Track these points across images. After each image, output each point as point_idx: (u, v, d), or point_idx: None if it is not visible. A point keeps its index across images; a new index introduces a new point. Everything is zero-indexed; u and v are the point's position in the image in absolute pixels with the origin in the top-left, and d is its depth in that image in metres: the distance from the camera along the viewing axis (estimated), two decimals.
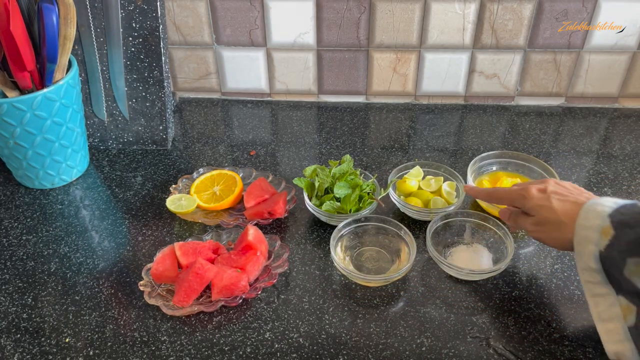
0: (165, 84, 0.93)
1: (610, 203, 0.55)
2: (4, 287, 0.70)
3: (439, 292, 0.68)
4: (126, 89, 0.92)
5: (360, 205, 0.77)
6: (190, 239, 0.73)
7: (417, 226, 0.78)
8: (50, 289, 0.69)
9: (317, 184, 0.77)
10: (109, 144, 0.96)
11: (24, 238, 0.77)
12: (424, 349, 0.61)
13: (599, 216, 0.53)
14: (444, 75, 1.04)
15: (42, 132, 0.79)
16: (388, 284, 0.69)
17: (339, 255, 0.72)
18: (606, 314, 0.53)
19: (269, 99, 1.10)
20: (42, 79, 0.79)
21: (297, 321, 0.65)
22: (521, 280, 0.69)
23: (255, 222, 0.77)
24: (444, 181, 0.82)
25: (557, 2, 0.93)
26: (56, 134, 0.81)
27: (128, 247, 0.75)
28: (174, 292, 0.66)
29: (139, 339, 0.63)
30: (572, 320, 0.64)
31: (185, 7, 0.99)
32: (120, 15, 0.88)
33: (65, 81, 0.79)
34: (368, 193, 0.78)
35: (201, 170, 0.86)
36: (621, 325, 0.52)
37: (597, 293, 0.54)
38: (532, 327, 0.63)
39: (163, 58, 0.91)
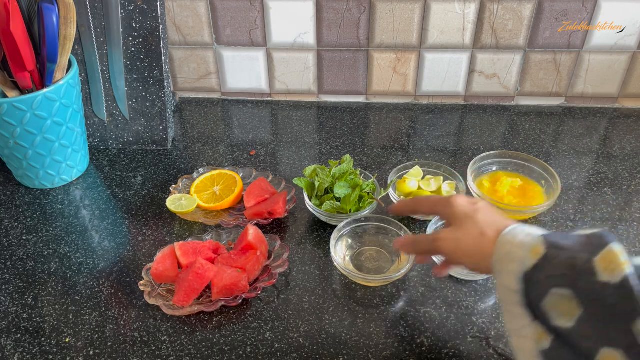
0: (165, 84, 0.93)
1: (537, 228, 0.49)
2: (4, 287, 0.70)
3: (439, 292, 0.68)
4: (126, 89, 0.92)
5: (360, 205, 0.77)
6: (190, 239, 0.73)
7: (417, 226, 0.78)
8: (50, 289, 0.69)
9: (317, 184, 0.77)
10: (109, 144, 0.96)
11: (24, 238, 0.77)
12: (424, 349, 0.61)
13: (529, 234, 0.47)
14: (444, 75, 1.04)
15: (43, 132, 0.79)
16: (388, 284, 0.69)
17: (339, 255, 0.72)
18: (521, 331, 0.47)
19: (269, 99, 1.10)
20: (42, 79, 0.79)
21: (297, 321, 0.65)
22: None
23: (255, 222, 0.77)
24: (443, 181, 0.82)
25: (557, 2, 0.93)
26: (56, 134, 0.81)
27: (128, 247, 0.76)
28: (174, 292, 0.66)
29: (139, 339, 0.63)
30: None
31: (185, 7, 0.99)
32: (120, 15, 0.88)
33: (66, 81, 0.79)
34: (368, 193, 0.78)
35: (201, 170, 0.86)
36: (535, 346, 0.46)
37: (513, 312, 0.48)
38: None
39: (163, 58, 0.91)
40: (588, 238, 0.44)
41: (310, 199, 0.78)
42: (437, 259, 0.66)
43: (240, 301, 0.66)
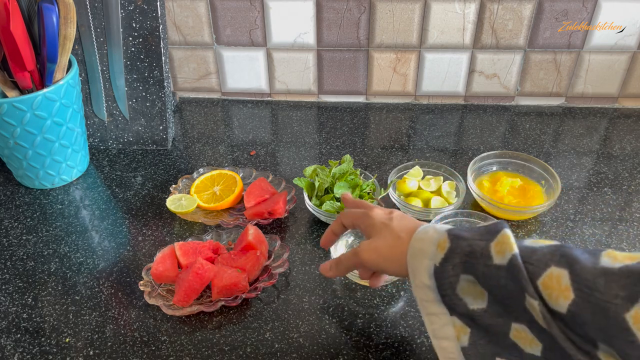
0: (165, 84, 0.93)
1: (446, 225, 0.51)
2: (4, 287, 0.70)
3: None
4: (126, 89, 0.92)
5: None
6: (190, 239, 0.73)
7: None
8: (50, 289, 0.69)
9: (317, 184, 0.77)
10: (109, 144, 0.96)
11: (24, 238, 0.77)
12: (424, 348, 0.61)
13: (437, 231, 0.50)
14: (444, 75, 1.04)
15: (42, 132, 0.79)
16: (388, 284, 0.69)
17: None
18: (440, 332, 0.50)
19: (269, 99, 1.10)
20: (42, 78, 0.79)
21: (297, 321, 0.65)
22: None
23: (255, 222, 0.77)
24: (443, 181, 0.82)
25: (557, 2, 0.93)
26: (56, 134, 0.81)
27: (128, 247, 0.76)
28: (174, 292, 0.66)
29: (139, 339, 0.63)
30: None
31: (185, 7, 0.99)
32: (120, 15, 0.88)
33: (66, 81, 0.79)
34: (368, 193, 0.78)
35: (201, 170, 0.86)
36: (455, 345, 0.49)
37: (432, 312, 0.51)
38: None
39: (163, 58, 0.91)
40: (486, 227, 0.47)
41: (310, 199, 0.78)
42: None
43: (240, 301, 0.66)
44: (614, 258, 0.40)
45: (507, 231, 0.45)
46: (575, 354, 0.41)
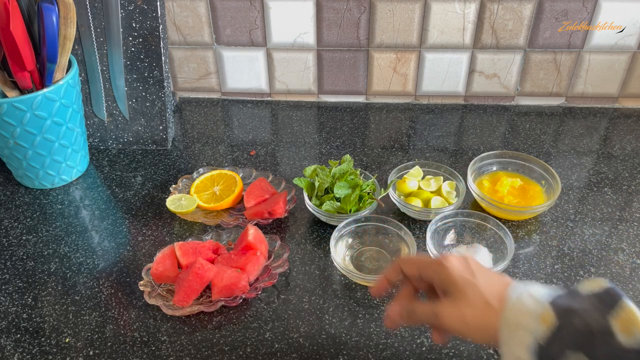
0: (165, 84, 0.93)
1: (541, 288, 0.46)
2: (4, 287, 0.70)
3: None
4: (126, 89, 0.92)
5: (360, 205, 0.77)
6: (190, 239, 0.73)
7: (417, 226, 0.78)
8: (50, 289, 0.69)
9: (317, 184, 0.77)
10: (109, 144, 0.96)
11: (24, 238, 0.77)
12: (424, 349, 0.61)
13: (536, 301, 0.44)
14: (444, 75, 1.04)
15: (42, 132, 0.79)
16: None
17: (339, 255, 0.72)
18: None
19: (269, 99, 1.10)
20: (42, 78, 0.79)
21: (297, 321, 0.65)
22: (521, 280, 0.69)
23: (255, 222, 0.76)
24: (443, 181, 0.82)
25: (557, 2, 0.93)
26: (56, 134, 0.81)
27: (128, 247, 0.75)
28: (174, 292, 0.66)
29: (139, 339, 0.63)
30: None
31: (185, 7, 0.99)
32: (120, 15, 0.88)
33: (65, 81, 0.79)
34: (368, 193, 0.78)
35: (201, 170, 0.86)
36: None
37: None
38: None
39: (163, 58, 0.91)
40: (596, 296, 0.42)
41: (310, 199, 0.78)
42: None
43: (240, 301, 0.65)
44: None
45: (627, 302, 0.40)
46: None
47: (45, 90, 0.76)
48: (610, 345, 0.39)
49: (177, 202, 0.79)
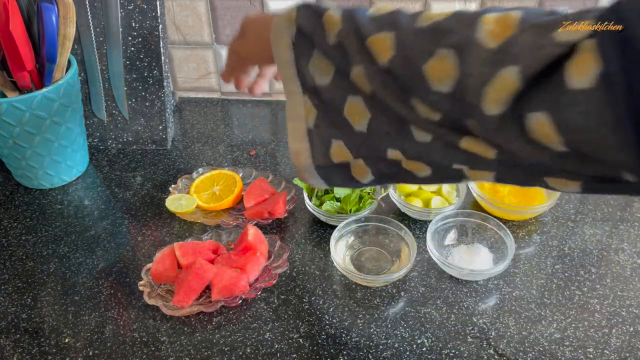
0: (165, 84, 0.92)
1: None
2: (3, 287, 0.70)
3: (439, 292, 0.68)
4: (126, 88, 0.92)
5: (360, 205, 0.77)
6: (190, 239, 0.73)
7: (417, 226, 0.78)
8: (49, 289, 0.69)
9: None
10: (109, 143, 0.96)
11: (23, 238, 0.77)
12: (424, 349, 0.61)
13: (287, 9, 0.52)
14: None
15: (42, 132, 0.79)
16: (388, 284, 0.69)
17: (339, 255, 0.72)
18: (293, 112, 0.53)
19: (269, 98, 1.10)
20: (42, 78, 0.78)
21: (297, 321, 0.64)
22: (521, 280, 0.69)
23: (255, 222, 0.76)
24: None
25: (558, 2, 0.93)
26: (55, 133, 0.81)
27: (128, 247, 0.75)
28: (174, 292, 0.66)
29: (138, 339, 0.63)
30: (573, 321, 0.64)
31: (185, 7, 0.98)
32: (119, 15, 0.88)
33: (65, 81, 0.79)
34: (368, 193, 0.78)
35: (201, 170, 0.86)
36: (303, 126, 0.53)
37: (290, 90, 0.53)
38: (533, 327, 0.63)
39: (163, 58, 0.91)
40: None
41: (310, 199, 0.77)
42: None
43: (240, 301, 0.65)
44: (428, 18, 0.42)
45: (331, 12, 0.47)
46: (394, 104, 0.44)
47: (44, 90, 0.76)
48: (329, 35, 0.47)
49: (177, 202, 0.79)
